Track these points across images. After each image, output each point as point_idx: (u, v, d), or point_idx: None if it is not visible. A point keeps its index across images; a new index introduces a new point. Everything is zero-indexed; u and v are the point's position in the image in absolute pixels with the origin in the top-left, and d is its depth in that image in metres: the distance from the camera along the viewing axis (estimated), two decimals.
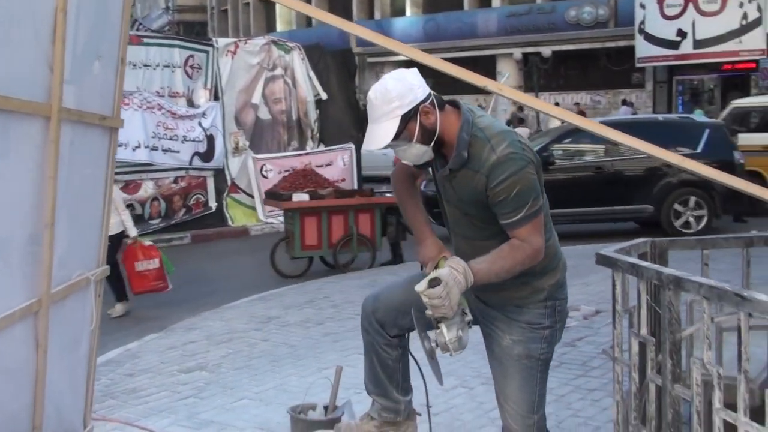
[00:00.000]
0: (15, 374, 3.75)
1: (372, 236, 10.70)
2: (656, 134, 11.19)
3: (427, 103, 2.92)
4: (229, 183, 15.82)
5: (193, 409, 5.42)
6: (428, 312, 2.82)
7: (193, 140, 15.40)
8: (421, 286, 2.80)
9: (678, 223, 12.63)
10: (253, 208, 15.83)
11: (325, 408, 4.45)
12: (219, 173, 15.74)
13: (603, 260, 3.11)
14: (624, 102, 27.25)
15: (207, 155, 15.62)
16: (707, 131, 13.05)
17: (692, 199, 12.67)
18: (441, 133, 2.94)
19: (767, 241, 3.51)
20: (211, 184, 15.67)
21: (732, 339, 3.49)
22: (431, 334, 2.92)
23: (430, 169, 3.24)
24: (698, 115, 16.98)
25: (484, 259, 2.90)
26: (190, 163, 15.27)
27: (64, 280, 4.27)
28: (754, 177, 13.47)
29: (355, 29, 3.88)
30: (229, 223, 15.62)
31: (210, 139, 15.64)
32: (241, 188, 15.95)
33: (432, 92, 2.97)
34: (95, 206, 4.77)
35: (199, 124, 15.57)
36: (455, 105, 3.02)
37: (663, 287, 2.74)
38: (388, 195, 11.08)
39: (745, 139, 15.24)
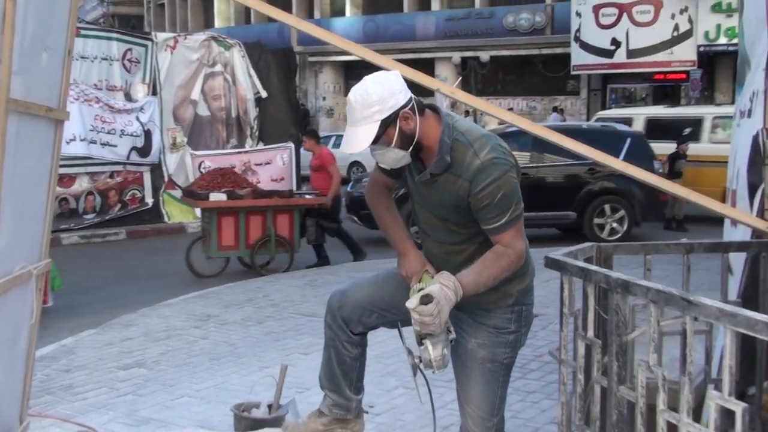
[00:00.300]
0: None
1: (290, 238, 10.61)
2: (582, 141, 11.29)
3: (407, 109, 2.87)
4: (166, 179, 15.61)
5: (132, 406, 5.37)
6: (416, 328, 2.78)
7: (131, 135, 15.18)
8: (412, 303, 2.76)
9: (600, 230, 12.97)
10: (190, 205, 15.65)
11: (269, 406, 4.45)
12: (156, 169, 15.54)
13: (552, 264, 3.17)
14: (554, 109, 27.69)
15: (144, 150, 15.41)
16: (629, 140, 13.47)
17: (610, 207, 13.06)
18: (420, 138, 2.91)
19: (707, 248, 3.63)
20: (147, 179, 15.45)
21: (670, 344, 3.62)
22: (415, 350, 2.90)
23: (406, 175, 3.18)
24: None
25: (471, 271, 2.89)
26: (128, 157, 15.05)
27: (6, 274, 4.18)
28: None
29: (317, 32, 3.88)
30: (166, 219, 15.43)
31: (147, 134, 15.44)
32: (178, 185, 15.74)
33: (413, 97, 2.92)
34: (39, 199, 4.69)
35: (137, 118, 15.35)
36: (434, 109, 2.99)
37: (611, 291, 2.81)
38: (307, 197, 11.07)
39: None
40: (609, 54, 25.61)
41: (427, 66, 32.79)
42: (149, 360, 6.44)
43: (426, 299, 2.74)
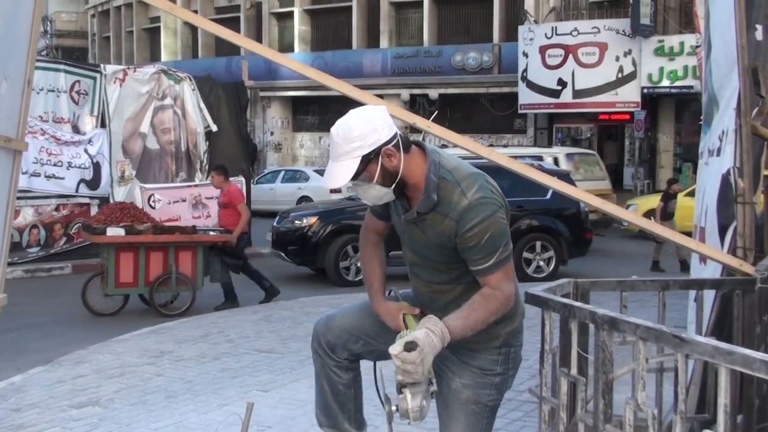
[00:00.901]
0: None
1: (193, 275, 10.18)
2: (505, 179, 11.32)
3: (390, 146, 2.79)
4: None
5: None
6: (398, 377, 2.66)
7: (79, 167, 14.93)
8: (395, 349, 2.63)
9: (526, 265, 13.10)
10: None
11: None
12: (104, 202, 15.20)
13: (533, 300, 3.14)
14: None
15: (93, 183, 15.15)
16: (555, 178, 13.59)
17: (539, 244, 13.25)
18: (404, 175, 2.84)
19: (681, 285, 3.64)
20: (95, 212, 15.13)
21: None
22: (393, 397, 2.79)
23: (392, 213, 3.10)
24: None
25: (458, 315, 2.80)
26: (77, 190, 14.79)
27: None
28: None
29: (306, 71, 3.82)
30: None
31: (96, 167, 15.19)
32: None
33: (399, 133, 2.85)
34: None
35: (85, 150, 15.11)
36: (421, 146, 2.93)
37: (597, 328, 2.79)
38: (212, 233, 10.75)
39: None
40: (555, 94, 26.00)
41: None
42: (103, 398, 6.24)
43: (410, 346, 2.61)
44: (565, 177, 13.78)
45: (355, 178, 2.82)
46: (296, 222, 13.10)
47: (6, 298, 4.73)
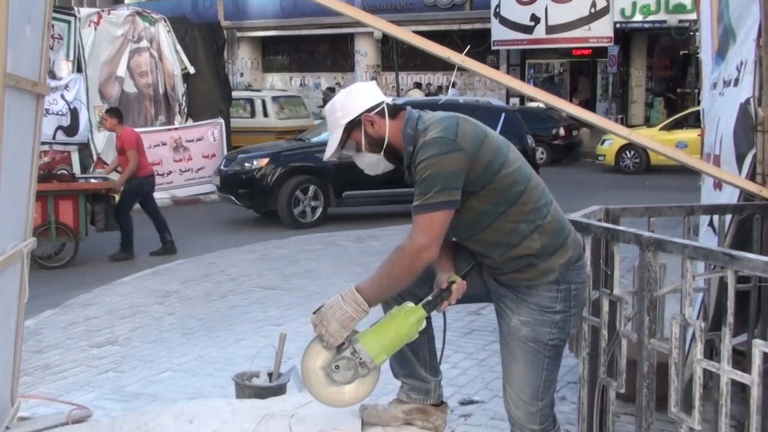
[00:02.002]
0: None
1: (75, 225, 9.63)
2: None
3: (372, 113, 2.89)
4: (95, 158, 15.25)
5: (117, 383, 5.34)
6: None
7: (56, 113, 14.83)
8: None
9: None
10: None
11: (269, 375, 4.51)
12: (84, 148, 15.18)
13: (575, 226, 3.30)
14: (454, 85, 27.92)
15: (71, 129, 15.05)
16: (503, 115, 13.92)
17: None
18: (391, 140, 2.90)
19: (705, 210, 3.83)
20: (76, 159, 15.08)
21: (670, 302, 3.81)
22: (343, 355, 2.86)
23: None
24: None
25: (372, 274, 2.82)
26: (54, 137, 14.70)
27: (1, 253, 4.12)
28: None
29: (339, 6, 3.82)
30: None
31: (74, 113, 15.08)
32: (108, 163, 15.41)
33: (386, 101, 2.93)
34: (24, 177, 4.60)
35: (62, 96, 14.97)
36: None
37: (643, 249, 2.97)
38: (93, 181, 10.45)
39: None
40: (528, 30, 25.97)
41: (346, 41, 32.82)
42: (120, 337, 6.39)
43: (316, 309, 2.85)
44: (511, 114, 14.40)
45: (342, 146, 2.96)
46: (246, 164, 12.78)
47: (36, 242, 4.85)
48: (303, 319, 6.69)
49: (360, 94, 2.93)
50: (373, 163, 2.98)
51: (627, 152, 19.01)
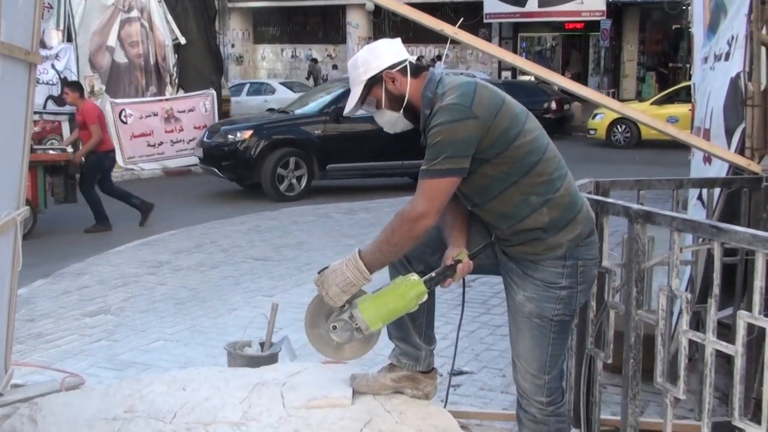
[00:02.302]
0: None
1: (33, 197, 9.36)
2: None
3: (394, 70, 2.85)
4: None
5: (109, 351, 5.38)
6: None
7: (47, 83, 14.75)
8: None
9: None
10: None
11: (261, 344, 4.55)
12: (74, 118, 15.10)
13: None
14: (440, 57, 27.83)
15: (61, 99, 14.92)
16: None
17: None
18: (411, 98, 2.87)
19: (694, 183, 3.87)
20: (66, 129, 14.98)
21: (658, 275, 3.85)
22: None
23: None
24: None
25: (373, 239, 2.84)
26: (44, 107, 14.63)
27: None
28: None
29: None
30: None
31: (64, 83, 14.99)
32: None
33: (409, 60, 2.90)
34: (17, 146, 4.60)
35: (53, 66, 14.91)
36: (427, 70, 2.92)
37: (632, 221, 3.00)
38: (51, 152, 10.35)
39: None
40: (521, 3, 25.92)
41: (338, 13, 32.65)
42: (113, 307, 6.42)
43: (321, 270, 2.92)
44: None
45: (362, 102, 2.95)
46: (229, 136, 12.69)
47: (28, 211, 4.85)
48: (295, 290, 6.75)
49: (383, 51, 2.90)
50: (392, 121, 2.97)
51: (618, 126, 19.04)
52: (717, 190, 3.93)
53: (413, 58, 2.94)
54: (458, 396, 4.59)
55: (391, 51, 2.91)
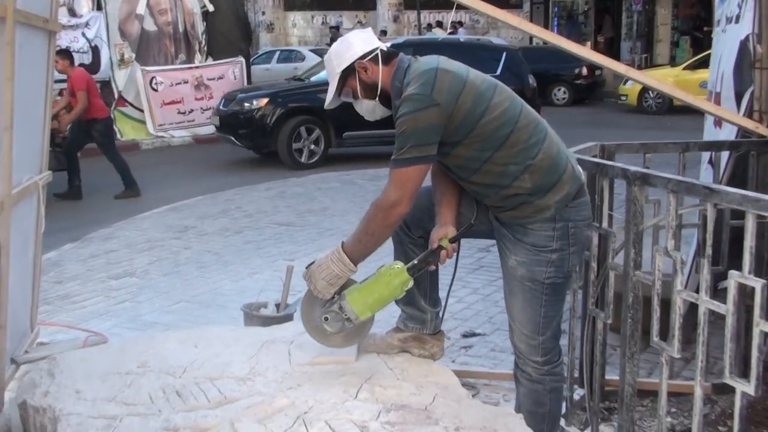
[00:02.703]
0: None
1: None
2: (458, 56, 10.57)
3: (366, 60, 2.94)
4: (116, 96, 15.37)
5: (133, 312, 5.53)
6: None
7: (78, 51, 14.92)
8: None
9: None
10: (143, 122, 15.51)
11: (277, 306, 4.66)
12: (105, 86, 15.25)
13: None
14: (439, 24, 27.57)
15: (92, 67, 15.14)
16: (505, 55, 13.75)
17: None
18: (384, 86, 2.95)
19: (701, 146, 3.89)
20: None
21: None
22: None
23: None
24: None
25: (353, 231, 2.93)
26: None
27: (17, 184, 4.25)
28: None
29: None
30: (119, 137, 15.24)
31: (95, 51, 15.21)
32: (129, 101, 15.56)
33: (380, 48, 2.96)
34: (38, 112, 4.73)
35: (83, 34, 15.09)
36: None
37: (630, 183, 3.03)
38: None
39: None
40: None
41: None
42: (138, 270, 6.57)
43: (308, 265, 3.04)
44: (513, 53, 13.99)
45: (339, 93, 3.02)
46: (245, 104, 12.66)
47: (51, 175, 4.98)
48: (315, 255, 6.77)
49: (353, 42, 2.98)
50: (370, 109, 3.04)
51: (650, 92, 18.79)
52: (725, 153, 3.93)
53: (385, 46, 3.00)
54: (469, 357, 4.67)
55: (361, 41, 2.99)
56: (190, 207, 9.08)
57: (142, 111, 15.49)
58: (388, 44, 3.09)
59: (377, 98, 2.99)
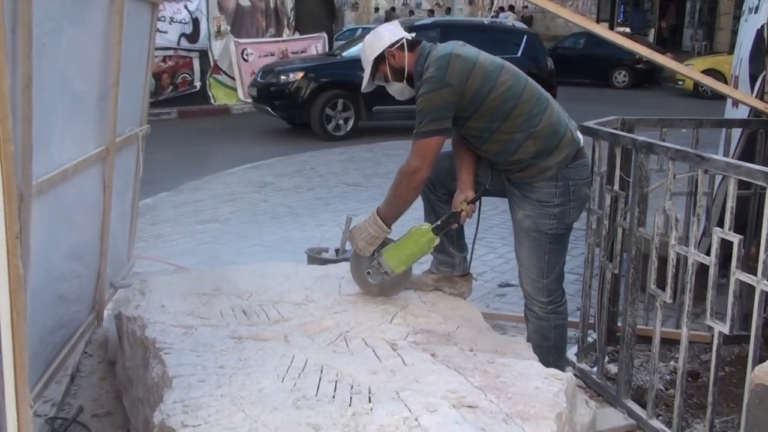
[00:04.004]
0: (91, 208, 4.16)
1: None
2: (480, 38, 10.11)
3: (394, 48, 3.20)
4: (212, 64, 15.90)
5: (214, 252, 5.91)
6: None
7: (180, 22, 15.43)
8: None
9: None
10: (234, 89, 16.00)
11: (336, 251, 4.97)
12: (203, 55, 15.82)
13: (586, 131, 3.58)
14: (504, 8, 27.24)
15: (193, 37, 15.67)
16: (525, 38, 13.56)
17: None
18: (410, 70, 3.22)
19: (713, 123, 4.04)
20: (196, 64, 15.75)
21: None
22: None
23: None
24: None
25: (385, 197, 3.22)
26: (178, 43, 15.35)
27: (121, 134, 4.64)
28: None
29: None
30: (212, 102, 15.79)
31: (195, 22, 15.66)
32: (223, 70, 16.06)
33: (405, 37, 3.22)
34: (141, 73, 5.10)
35: (185, 7, 15.54)
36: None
37: (637, 151, 3.24)
38: None
39: None
40: None
41: None
42: (221, 217, 6.97)
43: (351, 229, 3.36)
44: (533, 37, 13.83)
45: (373, 78, 3.31)
46: (282, 77, 12.53)
47: (149, 128, 5.37)
48: None
49: (383, 33, 3.27)
50: (399, 90, 3.34)
51: None
52: (737, 131, 4.08)
53: (409, 36, 3.27)
54: (502, 303, 4.92)
55: (389, 32, 3.28)
56: (270, 166, 9.48)
57: (233, 79, 15.99)
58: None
59: (405, 80, 3.28)
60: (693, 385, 3.66)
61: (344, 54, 13.23)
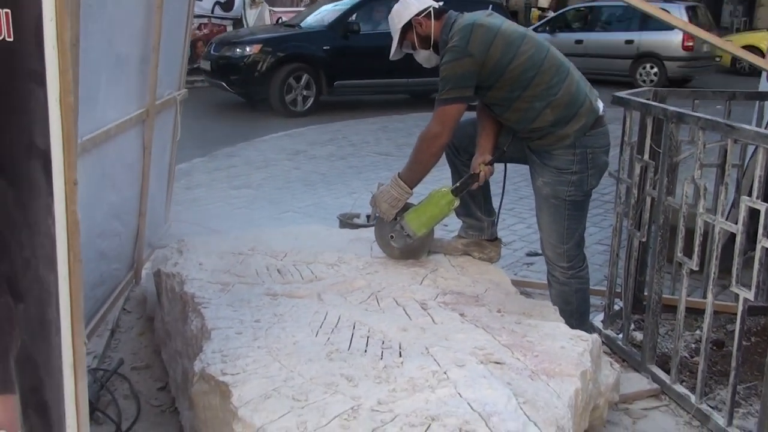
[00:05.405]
0: (131, 168, 4.29)
1: None
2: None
3: (420, 16, 3.28)
4: None
5: (247, 217, 6.03)
6: None
7: None
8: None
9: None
10: None
11: (367, 216, 5.07)
12: (237, 23, 15.90)
13: (618, 101, 3.62)
14: None
15: (227, 5, 15.76)
16: (490, 7, 13.14)
17: None
18: (435, 38, 3.28)
19: (746, 96, 4.05)
20: (230, 31, 15.82)
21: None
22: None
23: None
24: None
25: (407, 160, 3.32)
26: (213, 11, 15.43)
27: (160, 97, 4.75)
28: None
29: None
30: None
31: None
32: None
33: (432, 6, 3.30)
34: (179, 40, 5.19)
35: None
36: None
37: (667, 121, 3.28)
38: None
39: None
40: None
41: None
42: (254, 183, 7.09)
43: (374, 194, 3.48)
44: (497, 8, 13.36)
45: (401, 46, 3.38)
46: (238, 50, 11.74)
47: (187, 93, 5.47)
48: None
49: (411, 2, 3.34)
50: (426, 57, 3.41)
51: None
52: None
53: (436, 5, 3.34)
54: (530, 272, 4.98)
55: (417, 1, 3.34)
56: (303, 134, 9.57)
57: None
58: None
59: (431, 48, 3.34)
60: (718, 354, 3.71)
61: (302, 24, 12.55)
